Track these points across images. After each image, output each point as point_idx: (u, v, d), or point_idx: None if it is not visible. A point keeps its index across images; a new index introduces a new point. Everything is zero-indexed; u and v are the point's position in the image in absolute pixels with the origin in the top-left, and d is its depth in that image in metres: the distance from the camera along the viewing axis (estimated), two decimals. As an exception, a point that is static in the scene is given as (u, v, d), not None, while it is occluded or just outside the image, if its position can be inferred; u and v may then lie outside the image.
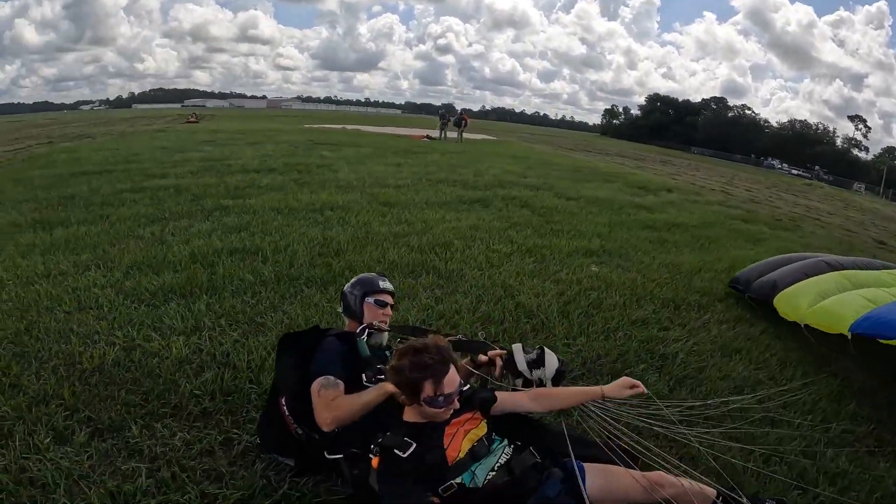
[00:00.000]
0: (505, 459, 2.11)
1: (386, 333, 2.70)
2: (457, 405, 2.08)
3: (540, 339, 3.92)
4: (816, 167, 66.94)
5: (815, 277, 4.86)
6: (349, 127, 31.07)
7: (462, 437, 2.09)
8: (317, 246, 5.60)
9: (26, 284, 4.42)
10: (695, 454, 2.59)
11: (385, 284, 2.77)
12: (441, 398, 2.02)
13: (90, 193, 8.20)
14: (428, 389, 2.01)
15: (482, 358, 2.53)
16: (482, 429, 2.16)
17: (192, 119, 37.71)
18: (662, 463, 2.16)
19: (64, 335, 3.50)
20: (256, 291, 4.33)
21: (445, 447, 2.04)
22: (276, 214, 6.96)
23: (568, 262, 5.85)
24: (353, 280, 2.80)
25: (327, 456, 2.17)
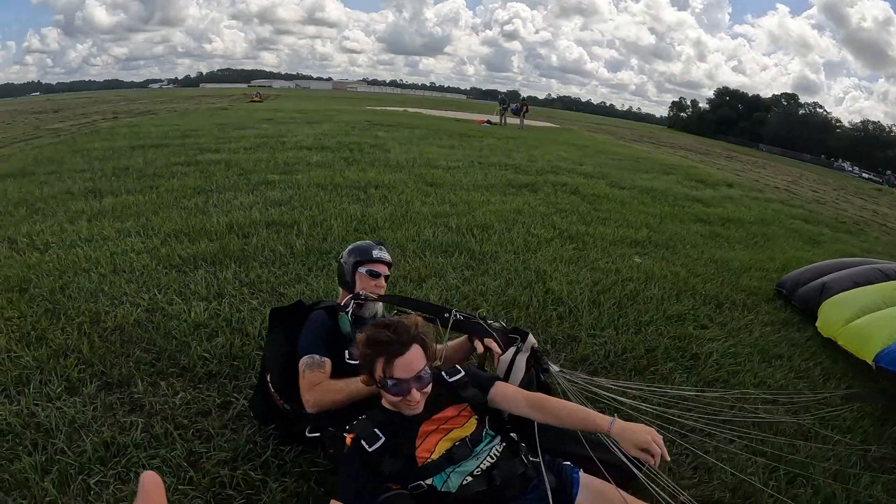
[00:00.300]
0: (489, 464, 1.88)
1: (380, 305, 2.61)
2: (416, 397, 1.85)
3: (565, 327, 3.82)
4: (888, 172, 63.13)
5: (863, 288, 4.48)
6: (411, 110, 31.29)
7: (439, 437, 1.90)
8: (353, 222, 5.67)
9: (69, 248, 4.66)
10: (711, 465, 2.45)
11: (379, 254, 2.65)
12: (391, 382, 1.82)
13: (144, 165, 8.55)
14: (378, 369, 1.84)
15: (478, 346, 2.35)
16: (468, 428, 1.95)
17: (256, 98, 38.75)
18: (664, 483, 1.94)
19: (94, 295, 3.68)
20: (285, 263, 4.42)
21: (416, 446, 1.87)
22: (320, 190, 7.06)
23: (610, 250, 5.70)
24: (348, 248, 2.70)
25: (308, 434, 2.17)
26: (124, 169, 8.26)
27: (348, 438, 1.85)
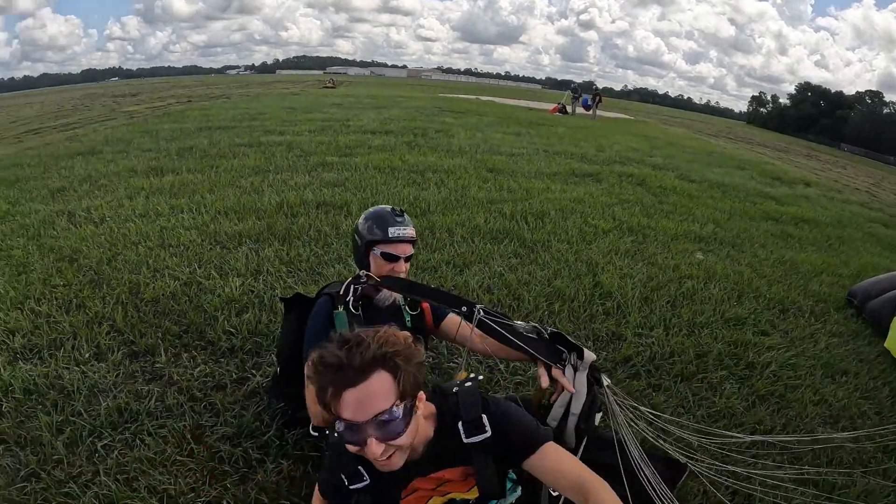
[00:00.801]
0: None
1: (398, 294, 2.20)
2: (374, 451, 1.33)
3: (610, 323, 3.61)
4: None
5: None
6: (483, 98, 31.23)
7: (431, 496, 1.56)
8: (405, 205, 5.65)
9: (123, 222, 4.89)
10: (751, 494, 2.17)
11: (399, 231, 2.16)
12: (339, 425, 1.35)
13: (209, 146, 8.87)
14: (329, 404, 1.35)
15: (542, 378, 1.84)
16: (471, 493, 1.57)
17: (329, 84, 39.63)
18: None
19: (137, 267, 3.84)
20: (328, 243, 4.46)
21: (400, 498, 1.56)
22: (377, 173, 7.11)
23: (671, 245, 5.42)
24: (364, 213, 2.28)
25: (312, 432, 2.09)
26: (188, 149, 8.61)
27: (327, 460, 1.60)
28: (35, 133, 13.76)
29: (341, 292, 2.08)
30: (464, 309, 1.97)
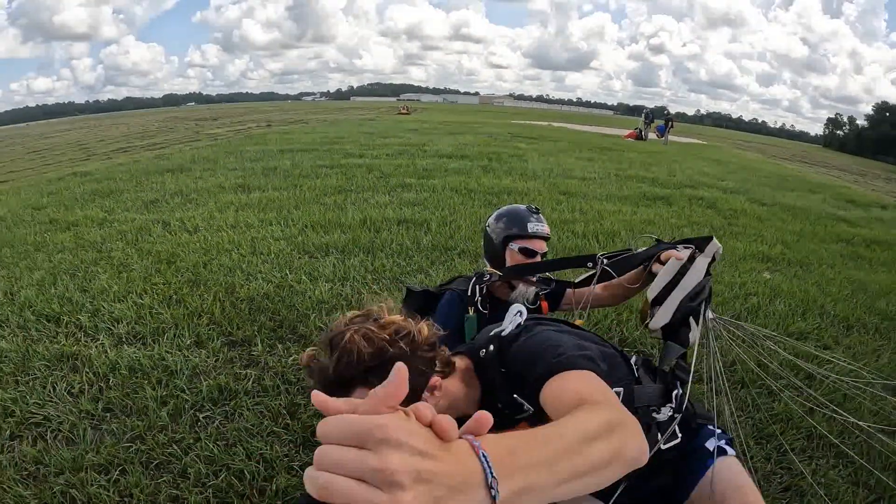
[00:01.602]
0: None
1: (532, 287, 2.18)
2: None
3: None
4: None
5: None
6: (555, 124, 31.64)
7: None
8: (482, 223, 5.88)
9: (216, 231, 5.33)
10: (806, 489, 2.27)
11: (538, 227, 2.18)
12: None
13: (291, 167, 9.44)
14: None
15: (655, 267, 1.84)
16: None
17: (403, 111, 40.85)
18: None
19: (231, 271, 4.19)
20: (410, 255, 4.71)
21: None
22: (454, 194, 7.39)
23: (739, 265, 5.41)
24: (497, 211, 2.29)
25: None
26: (273, 169, 9.18)
27: None
28: (124, 151, 14.92)
29: (469, 293, 2.08)
30: (589, 265, 1.98)
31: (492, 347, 1.43)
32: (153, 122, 34.60)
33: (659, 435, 1.54)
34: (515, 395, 1.38)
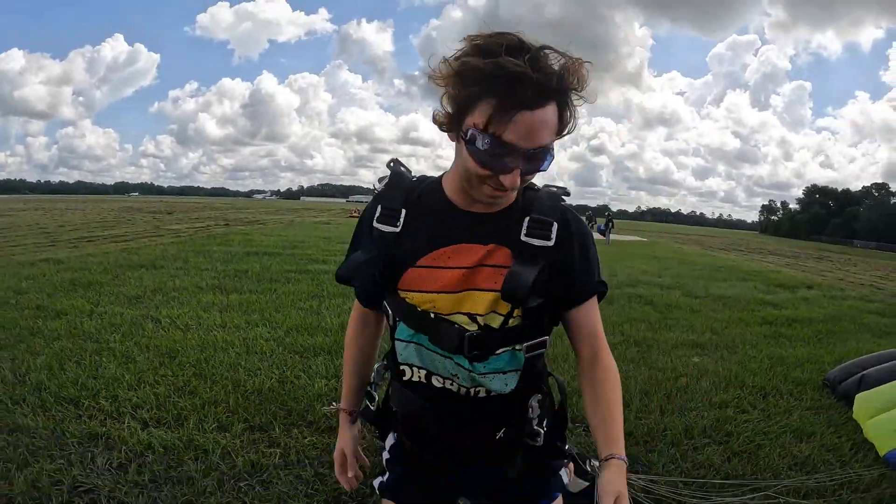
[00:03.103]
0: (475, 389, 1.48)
1: None
2: (514, 182, 1.27)
3: None
4: None
5: None
6: None
7: (448, 284, 1.42)
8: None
9: (207, 330, 5.84)
10: None
11: None
12: (483, 140, 1.23)
13: (261, 270, 10.07)
14: (474, 117, 1.24)
15: None
16: (480, 304, 1.41)
17: (354, 214, 42.10)
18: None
19: (234, 367, 4.72)
20: (389, 357, 5.33)
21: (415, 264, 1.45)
22: (419, 303, 8.09)
23: (672, 353, 6.27)
24: None
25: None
26: (244, 272, 9.79)
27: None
28: (88, 241, 15.35)
29: None
30: None
31: None
32: (108, 210, 34.96)
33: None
34: None
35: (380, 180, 1.52)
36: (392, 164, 1.54)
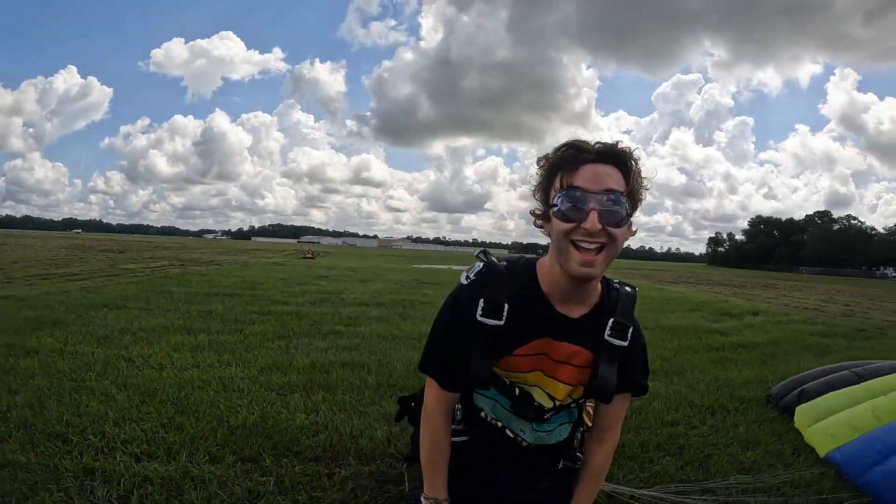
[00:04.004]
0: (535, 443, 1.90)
1: None
2: (594, 225, 1.54)
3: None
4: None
5: (837, 392, 5.15)
6: (455, 267, 34.05)
7: (535, 369, 1.80)
8: (412, 365, 6.84)
9: (181, 370, 6.00)
10: None
11: None
12: (561, 198, 1.60)
13: (225, 311, 10.21)
14: (556, 177, 1.63)
15: None
16: (560, 391, 1.83)
17: (308, 255, 42.14)
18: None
19: (214, 404, 4.91)
20: (361, 392, 5.58)
21: (512, 353, 1.79)
22: (382, 340, 8.39)
23: None
24: None
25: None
26: (208, 312, 9.92)
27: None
28: (44, 278, 15.19)
29: None
30: None
31: None
32: (59, 247, 34.30)
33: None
34: None
35: (475, 272, 1.76)
36: (482, 255, 1.81)
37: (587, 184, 1.50)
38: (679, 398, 5.97)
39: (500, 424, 1.81)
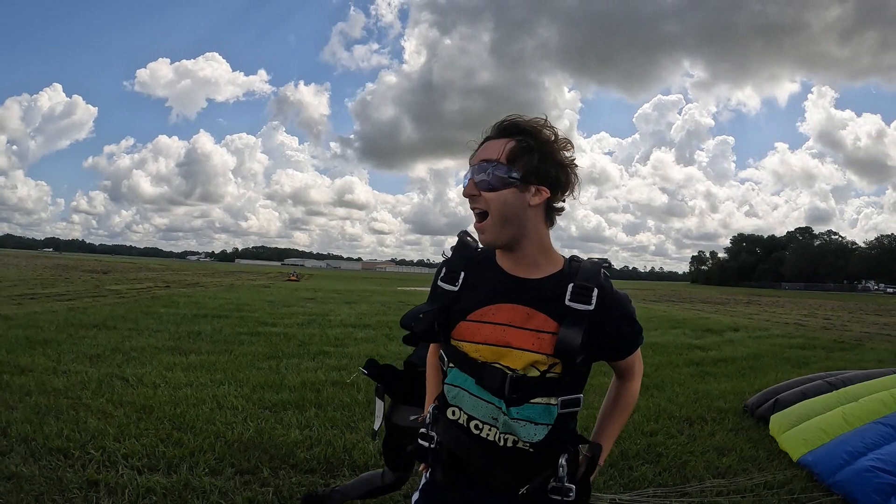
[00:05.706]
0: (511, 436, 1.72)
1: None
2: (468, 189, 1.66)
3: None
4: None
5: (809, 400, 5.42)
6: None
7: (490, 338, 1.69)
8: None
9: (175, 388, 6.13)
10: None
11: None
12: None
13: (213, 332, 10.34)
14: None
15: None
16: (521, 360, 1.65)
17: (293, 277, 42.15)
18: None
19: (210, 420, 5.06)
20: (352, 409, 5.74)
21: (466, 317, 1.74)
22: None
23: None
24: None
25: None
26: (197, 333, 10.05)
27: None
28: (31, 298, 15.25)
29: None
30: None
31: None
32: (43, 267, 34.20)
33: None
34: None
35: (451, 248, 1.88)
36: (461, 234, 1.91)
37: (472, 159, 1.67)
38: (658, 410, 6.20)
39: (464, 420, 1.74)
